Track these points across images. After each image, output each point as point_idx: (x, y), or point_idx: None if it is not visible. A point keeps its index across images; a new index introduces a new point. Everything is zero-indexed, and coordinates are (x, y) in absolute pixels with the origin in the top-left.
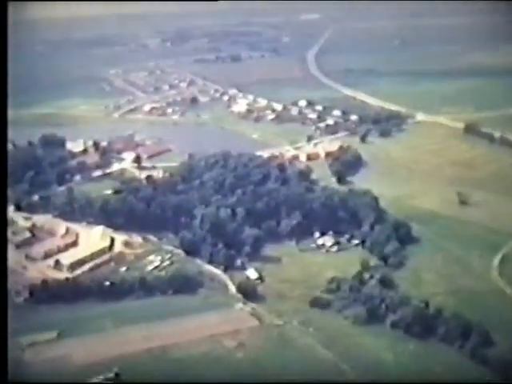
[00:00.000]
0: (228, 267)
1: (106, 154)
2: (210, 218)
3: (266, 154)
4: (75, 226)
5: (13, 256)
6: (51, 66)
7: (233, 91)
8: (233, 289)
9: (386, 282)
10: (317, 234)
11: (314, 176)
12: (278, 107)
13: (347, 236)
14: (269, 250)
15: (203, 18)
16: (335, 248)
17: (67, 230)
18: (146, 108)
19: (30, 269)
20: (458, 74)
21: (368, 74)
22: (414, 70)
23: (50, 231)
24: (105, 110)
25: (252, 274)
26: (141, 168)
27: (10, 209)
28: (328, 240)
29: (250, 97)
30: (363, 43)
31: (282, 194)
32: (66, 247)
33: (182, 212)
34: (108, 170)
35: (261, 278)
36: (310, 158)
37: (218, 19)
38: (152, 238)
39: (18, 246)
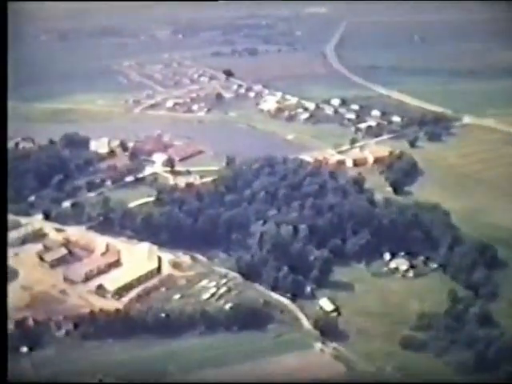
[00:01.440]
0: (296, 295)
1: (136, 156)
2: (271, 237)
3: (307, 157)
4: (115, 242)
5: (47, 277)
6: (58, 57)
7: (258, 87)
8: (307, 323)
9: (484, 318)
10: (387, 255)
11: (367, 185)
12: (310, 106)
13: (422, 258)
14: (338, 274)
15: (210, 10)
16: (411, 273)
17: (107, 247)
18: (169, 104)
19: (71, 294)
20: (492, 73)
21: (394, 71)
22: (442, 68)
23: (87, 247)
24: (124, 105)
25: (326, 304)
26: (174, 173)
27: (38, 217)
28: (402, 263)
29: (278, 94)
30: (380, 39)
31: (346, 210)
32: (108, 268)
33: (234, 228)
34: (140, 175)
35: (337, 309)
36: (356, 163)
37: (225, 11)
38: (201, 257)
39: (53, 266)
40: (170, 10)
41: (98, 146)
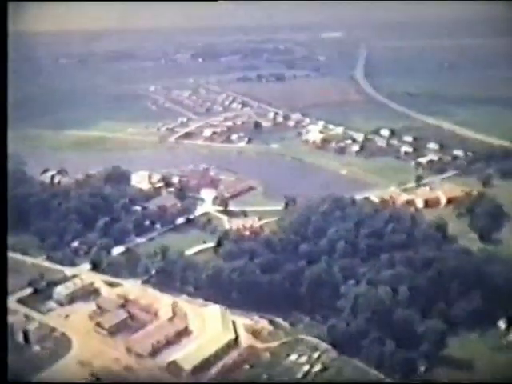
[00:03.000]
0: (407, 376)
1: (183, 194)
2: (367, 301)
3: (372, 196)
4: (180, 303)
5: (107, 348)
6: (80, 81)
7: (297, 116)
8: None
9: None
10: (501, 324)
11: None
12: (359, 137)
13: None
14: (450, 347)
15: (226, 35)
16: None
17: (174, 310)
18: (207, 133)
19: (138, 372)
20: None
21: (432, 99)
22: (485, 97)
23: (148, 308)
24: (157, 134)
25: None
26: (228, 213)
27: (85, 268)
28: None
29: (320, 123)
30: (406, 64)
31: (446, 264)
32: (178, 337)
33: (319, 287)
34: (191, 216)
35: None
36: (428, 204)
37: (242, 35)
38: (282, 322)
39: (112, 333)
40: (186, 33)
41: (138, 180)
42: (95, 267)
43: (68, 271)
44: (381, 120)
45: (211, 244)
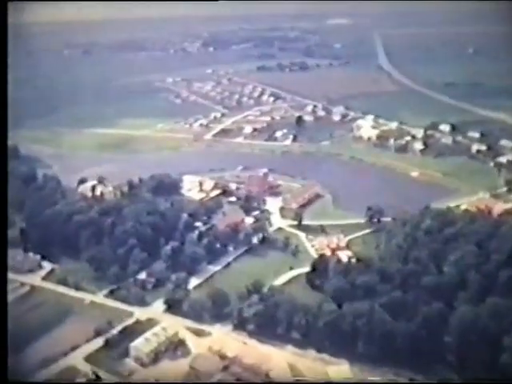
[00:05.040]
0: None
1: (249, 206)
2: None
3: (465, 205)
4: (292, 359)
5: None
6: (87, 73)
7: (339, 109)
8: None
9: None
10: None
11: None
12: (417, 132)
13: None
14: None
15: (228, 24)
16: None
17: (292, 370)
18: (247, 130)
19: None
20: None
21: (474, 88)
22: None
23: (256, 369)
24: (190, 131)
25: None
26: (304, 229)
27: (157, 308)
28: None
29: (369, 117)
30: (428, 51)
31: None
32: None
33: (468, 335)
34: (265, 233)
35: None
36: None
37: (243, 24)
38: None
39: None
40: (188, 22)
41: (188, 187)
42: (170, 307)
43: (139, 313)
44: (431, 113)
45: (301, 270)
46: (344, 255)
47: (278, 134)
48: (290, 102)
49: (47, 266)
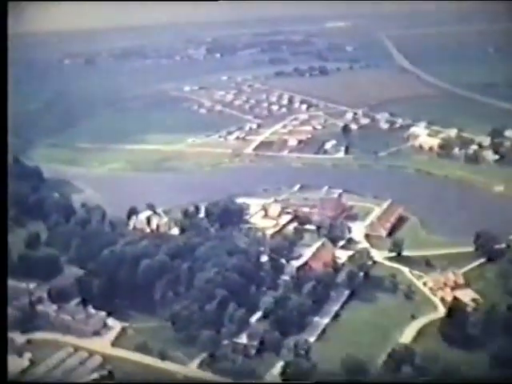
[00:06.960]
0: None
1: (335, 235)
2: None
3: None
4: None
5: None
6: (93, 83)
7: (384, 115)
8: None
9: None
10: None
11: None
12: (483, 140)
13: None
14: None
15: (227, 29)
16: None
17: None
18: (292, 142)
19: None
20: None
21: None
22: None
23: None
24: (226, 144)
25: None
26: (404, 261)
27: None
28: None
29: (421, 124)
30: (446, 51)
31: None
32: None
33: None
34: (366, 271)
35: None
36: None
37: (241, 29)
38: None
39: None
40: (188, 29)
41: (251, 213)
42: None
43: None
44: (487, 118)
45: (424, 320)
46: (466, 296)
47: (328, 145)
48: (325, 109)
49: (114, 324)
